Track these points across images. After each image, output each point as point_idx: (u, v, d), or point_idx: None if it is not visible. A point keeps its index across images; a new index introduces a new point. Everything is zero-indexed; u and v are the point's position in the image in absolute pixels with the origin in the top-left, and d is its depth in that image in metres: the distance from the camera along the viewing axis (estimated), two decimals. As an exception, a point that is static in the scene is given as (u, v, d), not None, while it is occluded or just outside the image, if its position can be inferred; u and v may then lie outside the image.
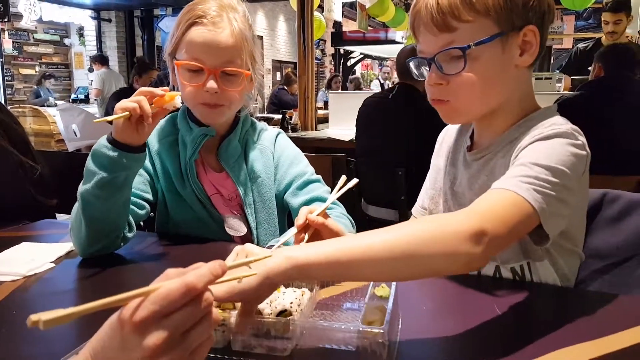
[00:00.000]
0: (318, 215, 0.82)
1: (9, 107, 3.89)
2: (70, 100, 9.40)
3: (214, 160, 1.22)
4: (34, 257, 1.01)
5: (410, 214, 1.14)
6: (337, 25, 12.95)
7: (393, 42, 12.27)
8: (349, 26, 13.13)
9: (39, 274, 0.96)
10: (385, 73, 18.50)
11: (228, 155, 1.20)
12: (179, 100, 1.01)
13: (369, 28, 10.37)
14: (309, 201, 1.17)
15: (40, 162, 1.53)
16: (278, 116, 4.67)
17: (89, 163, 0.98)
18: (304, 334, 0.66)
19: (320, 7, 6.80)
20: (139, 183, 1.14)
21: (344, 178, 0.92)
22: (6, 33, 9.16)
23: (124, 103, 0.94)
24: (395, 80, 2.90)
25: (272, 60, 13.72)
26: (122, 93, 4.32)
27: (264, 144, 1.26)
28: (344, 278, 0.76)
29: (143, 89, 0.98)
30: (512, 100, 0.91)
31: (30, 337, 0.71)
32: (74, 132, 4.32)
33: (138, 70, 4.57)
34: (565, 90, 3.81)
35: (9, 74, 9.15)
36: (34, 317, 0.41)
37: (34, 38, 10.00)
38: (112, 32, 10.27)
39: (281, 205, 1.24)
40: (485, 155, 0.94)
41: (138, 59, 5.30)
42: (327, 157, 2.11)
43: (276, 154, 1.26)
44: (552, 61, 8.02)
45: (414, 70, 0.95)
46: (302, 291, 0.72)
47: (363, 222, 2.70)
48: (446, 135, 1.10)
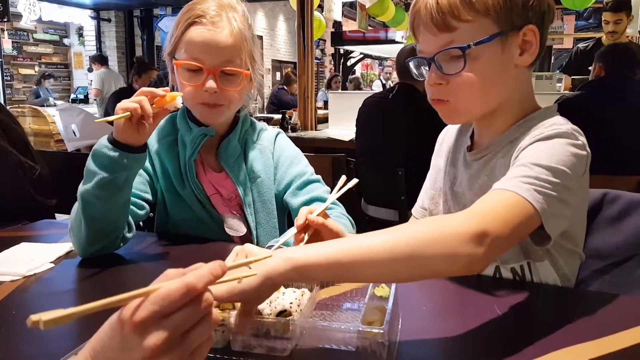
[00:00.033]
0: (318, 215, 0.82)
1: (8, 107, 3.89)
2: (70, 100, 9.40)
3: (214, 160, 1.21)
4: (33, 257, 1.01)
5: (410, 214, 1.14)
6: (337, 25, 12.95)
7: (393, 42, 12.26)
8: (349, 26, 13.13)
9: (38, 274, 0.96)
10: (387, 73, 18.47)
11: (227, 155, 1.20)
12: (180, 101, 1.00)
13: (369, 28, 10.37)
14: (309, 201, 1.17)
15: (40, 162, 1.53)
16: (278, 116, 4.67)
17: (90, 163, 0.98)
18: (303, 334, 0.66)
19: (320, 7, 6.80)
20: (138, 183, 1.13)
21: (343, 178, 0.92)
22: (6, 33, 9.15)
23: (125, 103, 0.94)
24: (396, 80, 2.89)
25: (272, 60, 13.71)
26: (122, 93, 4.32)
27: (264, 144, 1.25)
28: (344, 279, 0.76)
29: (144, 89, 0.98)
30: (512, 100, 0.90)
31: (30, 337, 0.71)
32: (74, 132, 4.32)
33: (137, 70, 4.58)
34: (565, 90, 3.80)
35: (8, 74, 9.14)
36: (34, 317, 0.41)
37: (33, 38, 9.99)
38: (112, 32, 10.27)
39: (281, 205, 1.24)
40: (485, 155, 0.94)
41: (137, 58, 5.30)
42: (327, 157, 2.11)
43: (276, 154, 1.26)
44: (553, 61, 8.01)
45: (413, 70, 0.95)
46: (302, 291, 0.72)
47: (363, 222, 2.70)
48: (446, 136, 1.10)
